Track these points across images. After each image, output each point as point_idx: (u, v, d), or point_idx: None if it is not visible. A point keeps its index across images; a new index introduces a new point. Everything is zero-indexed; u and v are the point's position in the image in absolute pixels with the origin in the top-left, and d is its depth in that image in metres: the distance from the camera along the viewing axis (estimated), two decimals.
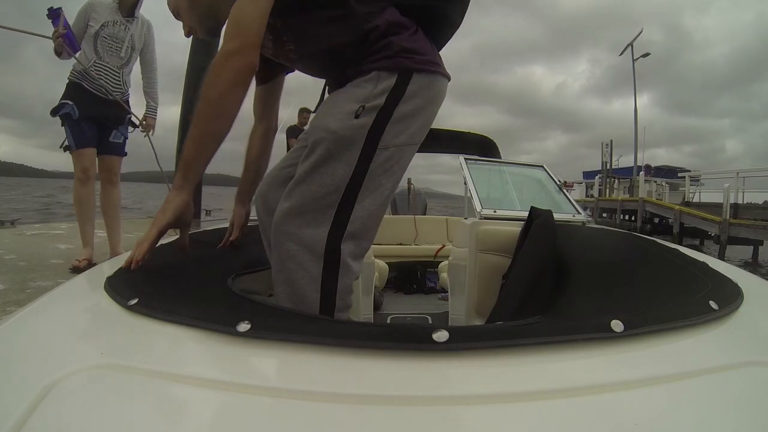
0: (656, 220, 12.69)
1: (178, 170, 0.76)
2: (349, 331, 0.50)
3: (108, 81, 2.42)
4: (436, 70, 0.82)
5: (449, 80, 0.86)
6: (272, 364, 0.47)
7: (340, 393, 0.40)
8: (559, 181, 1.82)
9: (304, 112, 4.95)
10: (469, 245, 1.35)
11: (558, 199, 1.71)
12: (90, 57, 2.36)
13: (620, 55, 16.57)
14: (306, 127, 1.19)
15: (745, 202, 10.26)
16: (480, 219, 1.42)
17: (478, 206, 1.45)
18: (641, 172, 14.30)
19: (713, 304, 0.57)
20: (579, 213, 1.59)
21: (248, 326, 0.48)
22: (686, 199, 12.68)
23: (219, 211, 6.26)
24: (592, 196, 15.60)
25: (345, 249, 0.76)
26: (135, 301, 0.57)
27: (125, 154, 2.63)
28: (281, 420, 0.38)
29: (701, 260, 0.81)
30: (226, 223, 1.13)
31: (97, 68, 2.38)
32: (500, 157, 2.48)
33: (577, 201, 1.73)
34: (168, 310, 0.55)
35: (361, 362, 0.45)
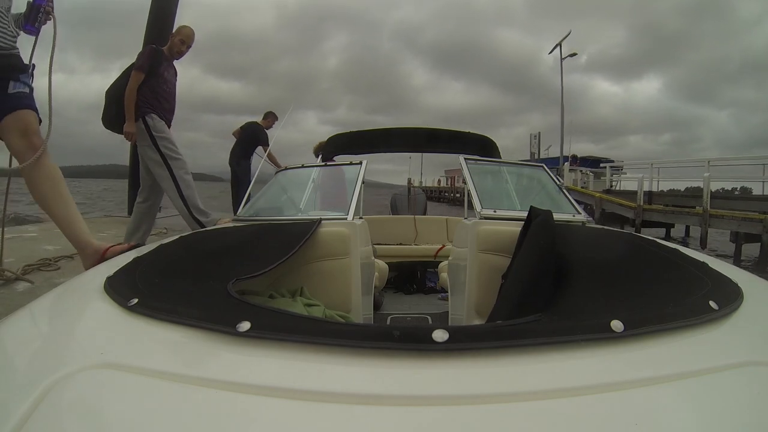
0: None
1: None
2: (349, 331, 0.50)
3: None
4: None
5: None
6: (272, 364, 0.47)
7: (339, 392, 0.40)
8: (560, 181, 1.82)
9: (270, 116, 4.99)
10: (469, 245, 1.35)
11: (558, 199, 1.70)
12: None
13: (549, 53, 17.66)
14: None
15: (659, 190, 11.54)
16: (480, 219, 1.41)
17: (478, 206, 1.45)
18: (566, 162, 15.28)
19: (713, 304, 0.57)
20: (579, 213, 1.58)
21: (248, 326, 0.48)
22: (608, 187, 13.68)
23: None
24: None
25: None
26: (135, 301, 0.57)
27: (39, 116, 1.76)
28: (281, 419, 0.38)
29: (701, 260, 0.81)
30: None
31: None
32: (500, 157, 2.48)
33: None
34: (168, 310, 0.55)
35: (361, 362, 0.45)
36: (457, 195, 25.48)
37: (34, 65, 1.81)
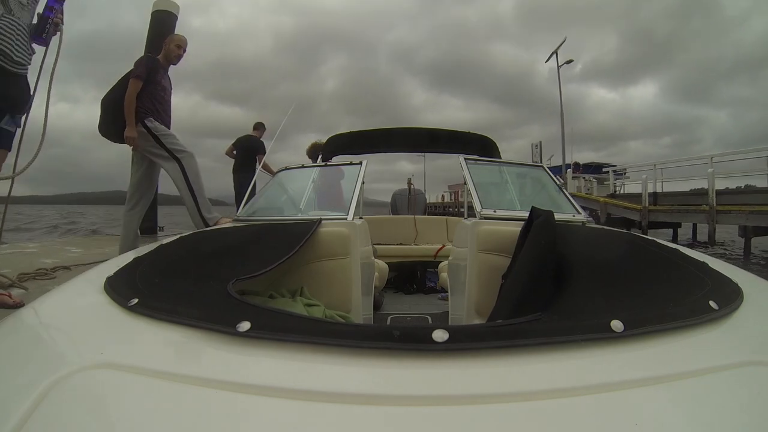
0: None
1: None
2: (349, 331, 0.50)
3: (15, 43, 1.70)
4: None
5: None
6: (272, 364, 0.47)
7: (339, 392, 0.40)
8: (560, 181, 1.82)
9: (260, 127, 5.08)
10: (469, 245, 1.35)
11: (558, 199, 1.70)
12: None
13: (546, 62, 17.63)
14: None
15: (663, 191, 11.30)
16: (480, 219, 1.41)
17: (478, 206, 1.45)
18: (569, 169, 15.38)
19: (713, 304, 0.57)
20: (579, 213, 1.58)
21: (248, 326, 0.48)
22: (612, 192, 13.63)
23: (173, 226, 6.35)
24: None
25: None
26: (135, 301, 0.58)
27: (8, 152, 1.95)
28: (281, 419, 0.38)
29: (701, 260, 0.81)
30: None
31: (5, 25, 1.66)
32: (500, 157, 2.48)
33: None
34: (168, 310, 0.55)
35: (361, 362, 0.45)
36: (461, 210, 25.40)
37: (32, 96, 1.93)
